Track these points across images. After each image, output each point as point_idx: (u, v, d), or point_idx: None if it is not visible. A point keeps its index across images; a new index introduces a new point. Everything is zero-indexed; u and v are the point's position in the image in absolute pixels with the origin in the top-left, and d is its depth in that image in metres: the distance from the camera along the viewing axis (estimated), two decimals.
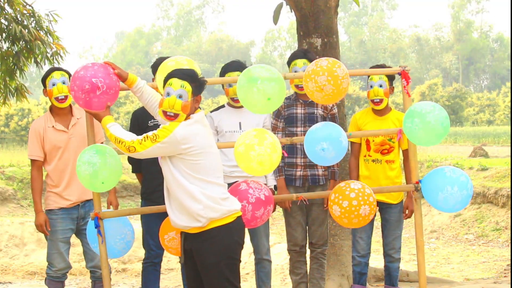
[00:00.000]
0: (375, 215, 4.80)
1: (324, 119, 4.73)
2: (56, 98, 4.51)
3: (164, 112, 3.36)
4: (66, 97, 4.52)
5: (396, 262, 4.79)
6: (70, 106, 4.67)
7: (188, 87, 3.35)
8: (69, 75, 4.58)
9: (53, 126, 4.58)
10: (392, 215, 4.75)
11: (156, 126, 4.48)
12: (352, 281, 4.92)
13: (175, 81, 3.35)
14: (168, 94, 3.35)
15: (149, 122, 4.54)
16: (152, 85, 3.89)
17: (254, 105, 3.82)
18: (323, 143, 3.88)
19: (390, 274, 4.80)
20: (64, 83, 4.52)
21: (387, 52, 60.91)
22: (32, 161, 4.61)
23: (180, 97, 3.33)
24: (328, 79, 3.79)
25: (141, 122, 4.57)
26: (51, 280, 4.60)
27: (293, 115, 4.72)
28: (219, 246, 3.37)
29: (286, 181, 4.73)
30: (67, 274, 4.72)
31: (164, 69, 3.77)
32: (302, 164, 4.65)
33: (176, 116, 3.34)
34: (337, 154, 3.94)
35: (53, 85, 4.51)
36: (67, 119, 4.63)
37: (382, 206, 4.75)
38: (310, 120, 4.69)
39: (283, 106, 4.76)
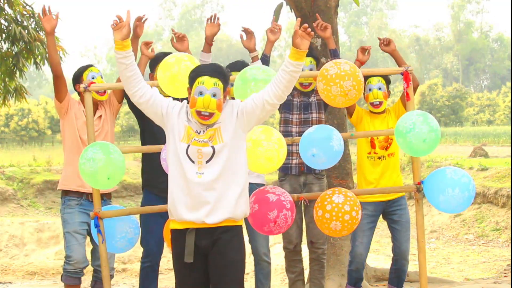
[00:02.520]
0: (378, 219, 4.75)
1: (319, 104, 4.73)
2: (97, 91, 4.46)
3: (198, 112, 3.23)
4: (105, 91, 4.51)
5: (407, 265, 4.76)
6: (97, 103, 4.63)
7: (220, 84, 3.26)
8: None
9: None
10: (402, 216, 4.66)
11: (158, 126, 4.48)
12: (347, 282, 4.85)
13: (207, 80, 3.24)
14: (201, 93, 3.22)
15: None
16: (152, 83, 3.88)
17: None
18: (313, 149, 3.85)
19: (400, 277, 4.72)
20: (102, 77, 4.56)
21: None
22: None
23: (214, 95, 3.23)
24: (353, 84, 3.74)
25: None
26: (68, 276, 4.45)
27: (290, 102, 4.74)
28: (242, 244, 3.30)
29: (282, 170, 4.72)
30: (84, 271, 4.58)
31: (165, 66, 3.74)
32: (297, 151, 4.61)
33: (211, 115, 3.23)
34: (328, 159, 3.90)
35: (93, 77, 4.51)
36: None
37: (390, 209, 4.65)
38: (305, 107, 4.72)
39: None
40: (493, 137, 26.15)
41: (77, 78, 4.59)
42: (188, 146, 3.24)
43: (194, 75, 3.28)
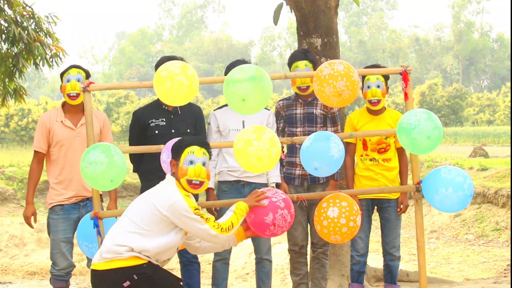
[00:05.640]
0: (372, 213, 4.81)
1: (324, 118, 4.72)
2: (68, 95, 4.51)
3: (189, 181, 3.44)
4: (78, 94, 4.50)
5: (397, 260, 4.80)
6: (83, 105, 4.65)
7: (207, 154, 3.54)
8: (86, 73, 4.61)
9: (61, 121, 4.59)
10: (392, 214, 4.74)
11: (157, 126, 4.50)
12: (350, 280, 4.91)
13: (197, 149, 3.49)
14: (191, 163, 3.44)
15: (150, 121, 4.55)
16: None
17: (235, 107, 3.79)
18: (315, 163, 3.83)
19: (392, 273, 4.80)
20: (78, 80, 4.51)
21: (387, 52, 60.90)
22: (35, 152, 4.63)
23: (204, 164, 3.48)
24: (346, 85, 3.74)
25: (142, 121, 4.57)
26: (55, 279, 4.58)
27: (293, 116, 4.72)
28: None
29: (285, 180, 4.74)
30: (71, 273, 4.69)
31: (158, 80, 3.68)
32: (301, 163, 4.62)
33: (201, 184, 3.47)
34: (331, 168, 3.88)
35: (68, 81, 4.52)
36: (77, 118, 4.63)
37: (382, 205, 4.75)
38: (309, 120, 4.69)
39: (283, 107, 4.76)
40: (493, 137, 26.15)
41: (61, 78, 4.65)
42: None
43: (184, 144, 3.52)
